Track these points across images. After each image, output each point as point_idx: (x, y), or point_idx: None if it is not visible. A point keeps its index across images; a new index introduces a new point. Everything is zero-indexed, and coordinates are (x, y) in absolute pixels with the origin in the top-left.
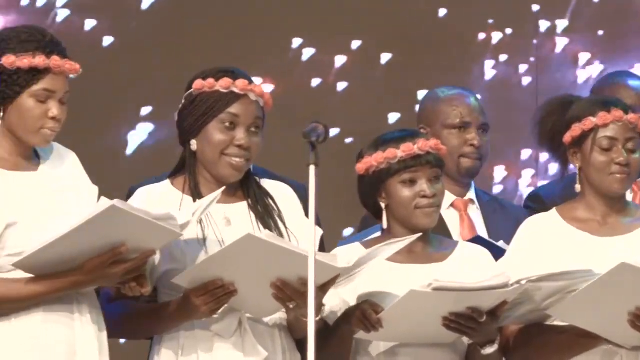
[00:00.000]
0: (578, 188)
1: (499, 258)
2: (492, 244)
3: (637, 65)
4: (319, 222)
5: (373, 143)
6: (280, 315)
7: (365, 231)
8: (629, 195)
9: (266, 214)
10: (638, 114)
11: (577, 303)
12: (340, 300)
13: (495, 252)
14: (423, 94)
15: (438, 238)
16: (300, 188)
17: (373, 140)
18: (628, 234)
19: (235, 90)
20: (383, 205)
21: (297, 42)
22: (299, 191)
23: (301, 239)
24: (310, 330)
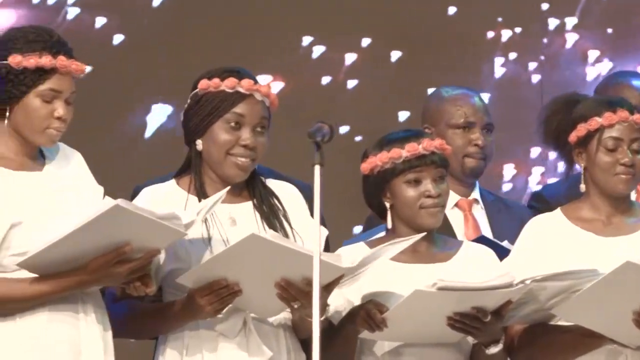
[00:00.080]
0: (583, 188)
1: (503, 258)
2: (497, 244)
3: None
4: (323, 222)
5: (378, 143)
6: (284, 315)
7: (369, 231)
8: (633, 195)
9: (271, 214)
10: None
11: (582, 302)
12: (345, 300)
13: (499, 252)
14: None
15: (442, 238)
16: (305, 188)
17: (378, 140)
18: (632, 234)
19: (241, 90)
20: (387, 205)
21: (308, 40)
22: (304, 191)
23: (306, 239)
24: (315, 330)
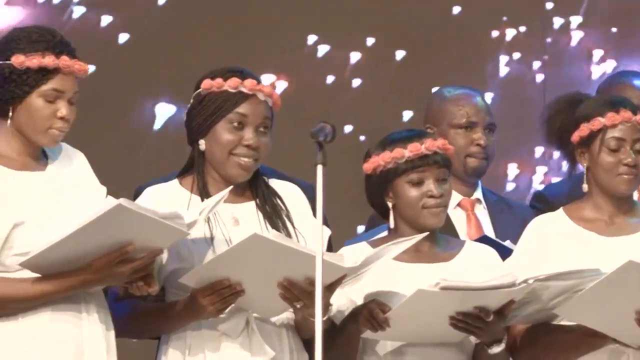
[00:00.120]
0: (585, 187)
1: (505, 258)
2: (499, 244)
3: None
4: (326, 222)
5: (380, 142)
6: (287, 314)
7: (371, 230)
8: (635, 195)
9: (274, 213)
10: None
11: (584, 302)
12: (348, 299)
13: (501, 252)
14: None
15: (445, 238)
16: (308, 188)
17: (380, 139)
18: (635, 234)
19: (244, 90)
20: (390, 205)
21: (312, 39)
22: (306, 191)
23: (309, 238)
24: (317, 330)
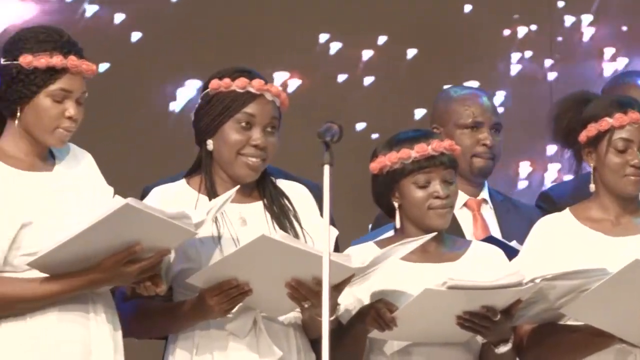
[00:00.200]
0: (592, 187)
1: (511, 258)
2: (505, 244)
3: None
4: (333, 222)
5: (387, 142)
6: (294, 314)
7: (377, 230)
8: None
9: (282, 214)
10: None
11: (591, 301)
12: (355, 298)
13: (508, 252)
14: None
15: (451, 238)
16: (314, 188)
17: (387, 139)
18: None
19: (252, 90)
20: (396, 205)
21: (324, 37)
22: (314, 191)
23: (316, 239)
24: (324, 329)
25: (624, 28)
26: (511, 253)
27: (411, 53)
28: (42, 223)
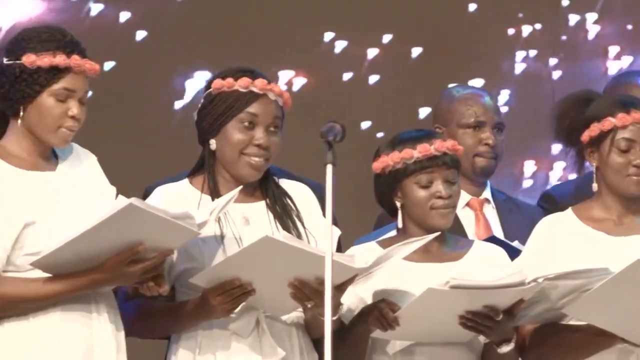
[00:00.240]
0: (595, 187)
1: (514, 258)
2: (507, 244)
3: None
4: (336, 222)
5: (390, 142)
6: (297, 314)
7: (379, 230)
8: None
9: (284, 213)
10: None
11: (593, 301)
12: (357, 298)
13: (510, 252)
14: None
15: (454, 237)
16: (317, 187)
17: (389, 139)
18: None
19: (254, 89)
20: (398, 205)
21: (329, 36)
22: (316, 191)
23: (319, 239)
24: (327, 329)
25: (629, 26)
26: (513, 253)
27: (416, 52)
28: (45, 223)
